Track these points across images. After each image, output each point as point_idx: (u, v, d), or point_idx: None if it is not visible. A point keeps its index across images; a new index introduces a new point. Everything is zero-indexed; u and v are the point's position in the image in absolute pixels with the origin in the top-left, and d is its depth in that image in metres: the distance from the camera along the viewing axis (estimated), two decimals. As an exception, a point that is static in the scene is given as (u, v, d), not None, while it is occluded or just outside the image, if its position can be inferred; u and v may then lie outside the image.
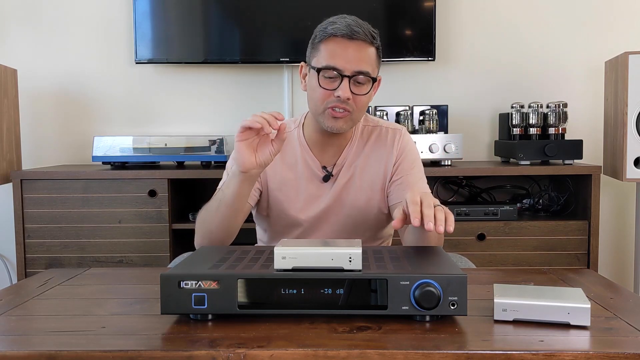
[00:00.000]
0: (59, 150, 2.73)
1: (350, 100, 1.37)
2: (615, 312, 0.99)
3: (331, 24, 1.38)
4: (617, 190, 2.66)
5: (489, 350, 0.81)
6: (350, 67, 1.35)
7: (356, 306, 0.92)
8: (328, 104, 1.38)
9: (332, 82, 1.37)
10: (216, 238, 1.37)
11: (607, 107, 2.42)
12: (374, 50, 1.39)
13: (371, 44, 1.38)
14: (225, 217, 1.34)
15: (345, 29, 1.35)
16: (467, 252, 2.17)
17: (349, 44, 1.36)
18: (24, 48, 2.69)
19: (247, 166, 1.26)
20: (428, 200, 1.11)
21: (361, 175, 1.49)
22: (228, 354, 0.81)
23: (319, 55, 1.39)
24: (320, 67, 1.37)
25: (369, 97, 1.42)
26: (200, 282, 0.91)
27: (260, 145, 1.27)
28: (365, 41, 1.37)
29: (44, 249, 2.29)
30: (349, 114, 1.39)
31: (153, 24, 2.60)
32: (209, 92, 2.71)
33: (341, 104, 1.36)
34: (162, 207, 2.27)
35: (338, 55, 1.36)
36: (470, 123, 2.68)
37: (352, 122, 1.42)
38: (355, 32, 1.35)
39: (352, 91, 1.36)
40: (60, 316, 1.01)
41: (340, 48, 1.36)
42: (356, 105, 1.38)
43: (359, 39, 1.36)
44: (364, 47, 1.37)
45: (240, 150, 1.25)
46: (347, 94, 1.35)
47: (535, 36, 2.67)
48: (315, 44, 1.41)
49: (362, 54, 1.37)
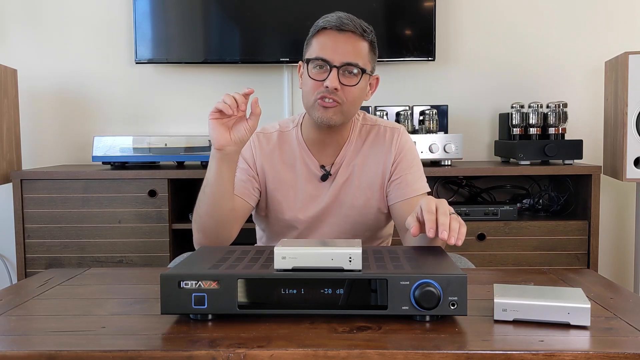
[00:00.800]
0: (59, 150, 2.73)
1: (340, 92, 1.37)
2: (615, 312, 0.99)
3: (323, 18, 1.41)
4: (617, 190, 2.66)
5: (489, 350, 0.81)
6: (339, 58, 1.37)
7: (356, 306, 0.92)
8: (318, 95, 1.39)
9: (321, 73, 1.39)
10: (208, 227, 1.36)
11: (607, 107, 2.42)
12: (365, 44, 1.41)
13: (362, 37, 1.40)
14: (211, 201, 1.33)
15: (336, 21, 1.38)
16: (467, 252, 2.17)
17: (338, 36, 1.38)
18: (24, 48, 2.69)
19: (221, 143, 1.26)
20: (443, 207, 1.11)
21: (360, 175, 1.49)
22: (228, 354, 0.81)
23: (310, 49, 1.42)
24: (310, 59, 1.40)
25: (360, 90, 1.41)
26: (200, 282, 0.91)
27: (236, 123, 1.28)
28: (355, 33, 1.39)
29: (44, 249, 2.29)
30: (338, 105, 1.39)
31: (153, 24, 2.60)
32: (209, 92, 2.71)
33: (330, 94, 1.37)
34: (162, 207, 2.27)
35: (327, 47, 1.38)
36: (470, 123, 2.68)
37: (342, 114, 1.41)
38: (345, 24, 1.37)
39: (341, 82, 1.37)
40: (60, 316, 1.01)
41: (330, 40, 1.39)
42: (346, 97, 1.39)
43: (349, 31, 1.38)
44: (353, 39, 1.39)
45: (214, 128, 1.25)
46: (334, 84, 1.36)
47: (535, 36, 2.67)
48: (309, 39, 1.44)
49: (351, 45, 1.38)
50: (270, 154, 1.50)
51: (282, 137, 1.52)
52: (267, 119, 1.58)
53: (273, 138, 1.52)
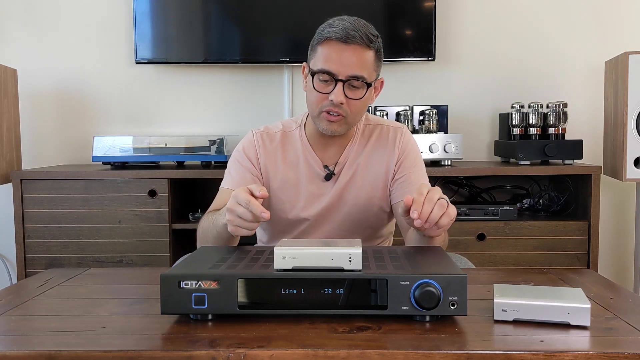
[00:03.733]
0: (59, 150, 2.73)
1: (344, 105, 1.37)
2: (615, 312, 0.99)
3: (329, 26, 1.37)
4: (617, 190, 2.66)
5: (489, 350, 0.81)
6: (345, 71, 1.35)
7: (356, 306, 0.92)
8: (323, 108, 1.38)
9: (326, 85, 1.37)
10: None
11: (607, 107, 2.42)
12: (371, 53, 1.38)
13: (368, 48, 1.36)
14: (222, 241, 1.33)
15: (341, 32, 1.34)
16: (467, 252, 2.17)
17: (344, 48, 1.35)
18: (24, 48, 2.69)
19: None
20: (432, 195, 1.11)
21: (363, 174, 1.50)
22: (228, 354, 0.81)
23: (315, 58, 1.39)
24: (316, 71, 1.38)
25: (365, 101, 1.41)
26: (200, 282, 0.91)
27: None
28: (361, 45, 1.35)
29: (44, 249, 2.29)
30: (343, 118, 1.39)
31: (153, 24, 2.60)
32: (209, 92, 2.71)
33: (335, 107, 1.37)
34: (162, 207, 2.27)
35: (332, 60, 1.35)
36: (470, 123, 2.68)
37: (347, 125, 1.42)
38: (351, 37, 1.34)
39: (346, 95, 1.36)
40: (60, 316, 1.01)
41: (335, 52, 1.35)
42: (350, 110, 1.38)
43: (355, 43, 1.35)
44: (359, 51, 1.35)
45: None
46: (339, 99, 1.35)
47: (536, 36, 2.67)
48: (314, 45, 1.41)
49: (357, 58, 1.35)
50: (273, 153, 1.51)
51: (285, 136, 1.53)
52: (268, 119, 1.58)
53: (276, 138, 1.52)
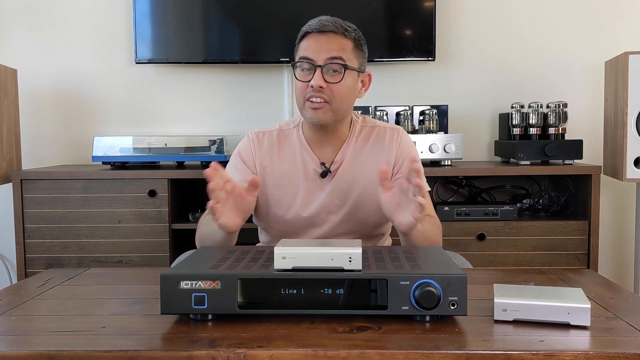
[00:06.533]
0: (59, 150, 2.73)
1: (326, 90, 1.41)
2: (615, 312, 0.99)
3: (307, 25, 1.46)
4: (617, 190, 2.66)
5: (489, 350, 0.81)
6: (322, 56, 1.41)
7: (356, 306, 0.92)
8: (306, 96, 1.43)
9: (308, 74, 1.43)
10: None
11: (607, 107, 2.42)
12: (349, 42, 1.44)
13: (344, 36, 1.44)
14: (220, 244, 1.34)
15: (317, 24, 1.44)
16: (467, 252, 2.17)
17: (320, 37, 1.43)
18: (24, 48, 2.69)
19: (233, 228, 1.27)
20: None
21: (361, 173, 1.51)
22: (228, 354, 0.81)
23: (297, 53, 1.47)
24: (296, 61, 1.45)
25: (348, 87, 1.44)
26: (200, 282, 0.91)
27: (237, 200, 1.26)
28: (336, 32, 1.43)
29: (44, 249, 2.29)
30: (327, 104, 1.42)
31: (153, 24, 2.60)
32: (209, 92, 2.71)
33: (316, 93, 1.41)
34: (162, 207, 2.27)
35: (311, 47, 1.43)
36: (470, 123, 2.68)
37: (332, 112, 1.44)
38: (326, 25, 1.42)
39: (326, 80, 1.41)
40: (60, 316, 1.01)
41: (312, 41, 1.44)
42: (334, 95, 1.42)
43: (330, 31, 1.42)
44: (335, 38, 1.43)
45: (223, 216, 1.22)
46: (318, 82, 1.40)
47: (535, 36, 2.67)
48: (296, 44, 1.49)
49: (335, 44, 1.42)
50: (269, 150, 1.53)
51: (282, 134, 1.56)
52: (268, 119, 1.59)
53: (273, 136, 1.56)
